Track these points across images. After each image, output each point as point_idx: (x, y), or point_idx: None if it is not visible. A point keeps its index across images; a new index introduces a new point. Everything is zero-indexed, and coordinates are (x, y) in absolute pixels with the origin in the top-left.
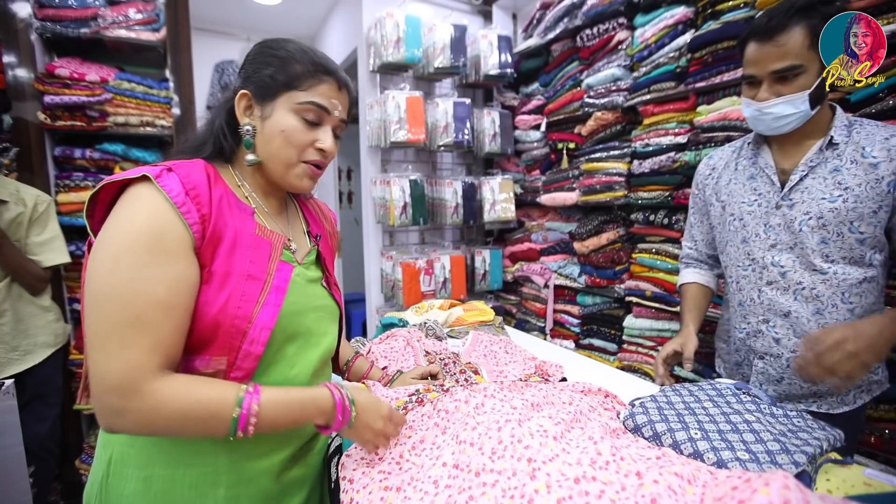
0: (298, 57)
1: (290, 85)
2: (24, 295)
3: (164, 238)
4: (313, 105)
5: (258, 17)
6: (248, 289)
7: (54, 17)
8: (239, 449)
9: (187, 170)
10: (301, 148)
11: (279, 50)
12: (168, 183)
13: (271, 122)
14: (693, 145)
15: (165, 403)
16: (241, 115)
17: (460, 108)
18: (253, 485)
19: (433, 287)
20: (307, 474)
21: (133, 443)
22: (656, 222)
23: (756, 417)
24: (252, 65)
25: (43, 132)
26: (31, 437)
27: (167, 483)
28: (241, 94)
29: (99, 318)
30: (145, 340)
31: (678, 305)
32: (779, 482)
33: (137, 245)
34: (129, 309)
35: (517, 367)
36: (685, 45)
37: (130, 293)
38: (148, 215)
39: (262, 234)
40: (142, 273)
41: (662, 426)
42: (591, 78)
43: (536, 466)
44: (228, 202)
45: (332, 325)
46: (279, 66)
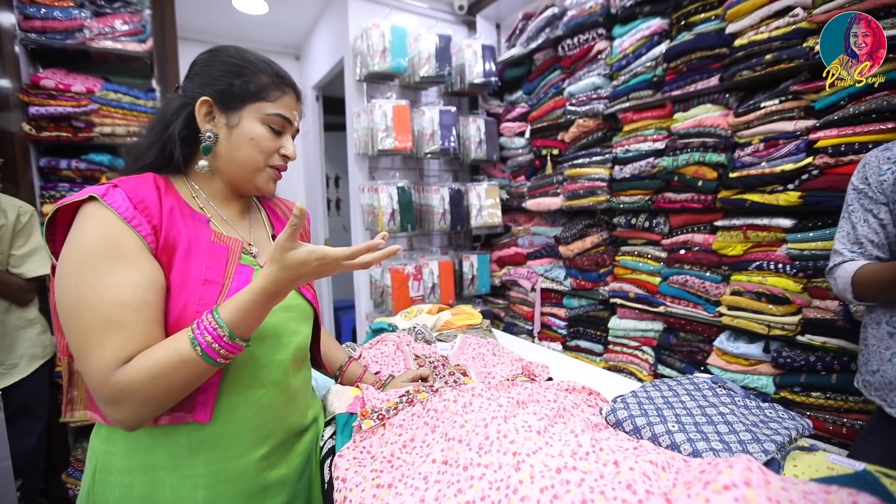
0: (263, 69)
1: (258, 96)
2: (10, 308)
3: (119, 246)
4: (280, 117)
5: (244, 26)
6: (205, 293)
7: (40, 28)
8: (215, 450)
9: (133, 185)
10: (268, 154)
11: (241, 60)
12: (115, 200)
13: (239, 130)
14: (670, 151)
15: (136, 380)
16: (201, 121)
17: (446, 115)
18: (232, 485)
19: (422, 292)
20: (288, 475)
21: (114, 451)
22: (637, 225)
23: (730, 409)
24: (210, 71)
25: (27, 143)
26: (16, 452)
27: (148, 488)
28: (203, 101)
29: (74, 330)
30: (117, 338)
31: (660, 306)
32: (742, 464)
33: (95, 257)
34: (98, 314)
35: (504, 368)
36: (661, 55)
37: (96, 300)
38: (101, 230)
39: (217, 240)
40: (104, 281)
41: (642, 420)
42: (572, 86)
43: (521, 459)
44: (181, 212)
45: (303, 324)
46: (245, 76)
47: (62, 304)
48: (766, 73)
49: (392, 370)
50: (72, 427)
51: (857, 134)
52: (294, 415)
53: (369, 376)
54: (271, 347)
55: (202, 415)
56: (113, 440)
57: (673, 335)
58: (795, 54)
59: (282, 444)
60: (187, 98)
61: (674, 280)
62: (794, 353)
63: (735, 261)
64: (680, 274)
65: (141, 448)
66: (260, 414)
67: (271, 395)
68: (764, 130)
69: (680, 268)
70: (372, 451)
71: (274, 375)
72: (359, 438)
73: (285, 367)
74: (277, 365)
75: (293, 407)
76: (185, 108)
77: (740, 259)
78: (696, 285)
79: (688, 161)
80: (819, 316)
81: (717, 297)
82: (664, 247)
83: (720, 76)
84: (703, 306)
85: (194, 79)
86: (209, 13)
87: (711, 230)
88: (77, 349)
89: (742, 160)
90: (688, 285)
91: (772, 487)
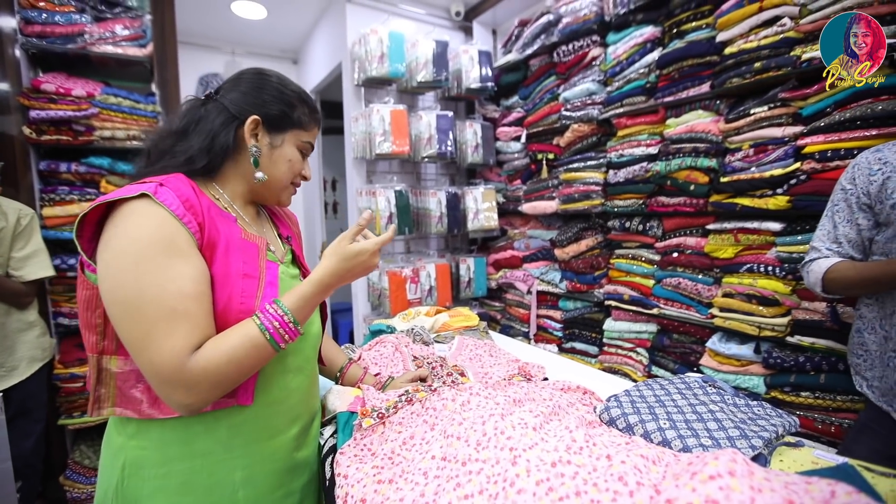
0: (306, 100)
1: (298, 125)
2: (9, 311)
3: (175, 242)
4: (309, 144)
5: (243, 31)
6: (246, 286)
7: (41, 33)
8: (254, 430)
9: (176, 184)
10: (296, 174)
11: (291, 91)
12: (166, 197)
13: (281, 151)
14: (663, 156)
15: (211, 364)
16: (248, 136)
17: (443, 120)
18: (267, 464)
19: (419, 295)
20: (309, 457)
21: (146, 445)
22: (632, 229)
23: (720, 407)
24: (258, 94)
25: (27, 146)
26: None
27: (186, 476)
28: (253, 119)
29: (135, 322)
30: (184, 327)
31: (654, 308)
32: (727, 456)
33: (153, 252)
34: (163, 305)
35: (501, 368)
36: (654, 62)
37: (159, 292)
38: (156, 225)
39: (247, 237)
40: (165, 274)
41: (635, 418)
42: (567, 92)
43: (517, 454)
44: (216, 212)
45: (316, 316)
46: (291, 105)
47: (118, 296)
48: (756, 80)
49: (391, 371)
50: (70, 430)
51: (842, 140)
52: (315, 398)
53: (369, 378)
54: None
55: (244, 398)
56: (144, 434)
57: (666, 337)
58: (783, 62)
59: (307, 425)
60: (238, 113)
61: (667, 282)
62: (783, 353)
63: (726, 263)
64: (673, 276)
65: (179, 439)
66: (291, 396)
67: (299, 380)
68: (753, 136)
69: (673, 270)
70: (373, 449)
71: (300, 361)
72: (359, 436)
73: (308, 355)
74: (301, 352)
75: (315, 391)
76: (234, 122)
77: (732, 262)
78: (688, 287)
79: (680, 166)
80: (808, 317)
81: (710, 299)
82: (658, 250)
83: (711, 83)
84: (695, 308)
85: (244, 97)
86: (208, 18)
87: (703, 233)
88: (138, 340)
89: (732, 165)
90: (681, 287)
91: (755, 478)
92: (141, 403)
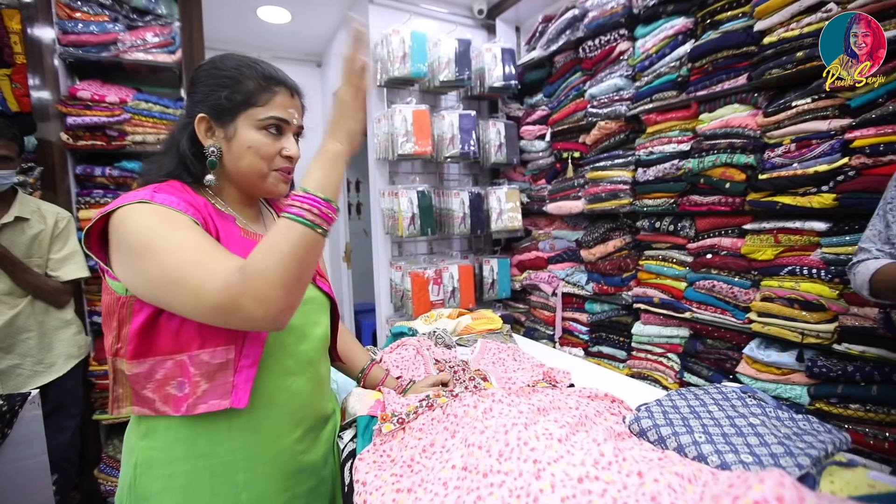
0: (248, 73)
1: (247, 103)
2: (48, 310)
3: (176, 219)
4: (274, 119)
5: (268, 35)
6: None
7: (76, 42)
8: (254, 433)
9: (171, 189)
10: (270, 159)
11: (226, 69)
12: (164, 199)
13: (237, 141)
14: (696, 153)
15: (250, 264)
16: (203, 137)
17: (466, 119)
18: (270, 466)
19: (442, 296)
20: (316, 461)
21: (154, 445)
22: (662, 229)
23: (761, 421)
24: (203, 87)
25: (65, 152)
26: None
27: (190, 476)
28: (200, 118)
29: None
30: (216, 263)
31: (686, 311)
32: (774, 479)
33: (158, 231)
34: (188, 261)
35: (525, 373)
36: (685, 54)
37: (179, 254)
38: (152, 213)
39: (247, 235)
40: (175, 239)
41: (667, 430)
42: (594, 88)
43: (541, 467)
44: (214, 211)
45: (322, 315)
46: (231, 86)
47: (148, 282)
48: (798, 70)
49: (412, 374)
50: (104, 424)
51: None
52: (321, 401)
53: (391, 381)
54: (297, 338)
55: (238, 401)
56: (153, 435)
57: (700, 342)
58: None
59: (312, 428)
60: (188, 116)
61: (700, 285)
62: (830, 362)
63: (765, 265)
64: (707, 279)
65: (182, 439)
66: (292, 399)
67: (301, 382)
68: (795, 130)
69: (707, 272)
70: (392, 455)
71: (302, 364)
72: (379, 442)
73: (311, 357)
74: (304, 354)
75: (320, 394)
76: (187, 127)
77: (771, 264)
78: (724, 291)
79: (714, 163)
80: (857, 324)
81: (747, 303)
82: (690, 251)
83: (748, 75)
84: (731, 312)
85: (192, 96)
86: (235, 23)
87: (740, 234)
88: (188, 298)
89: (772, 161)
90: (715, 291)
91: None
92: (154, 402)
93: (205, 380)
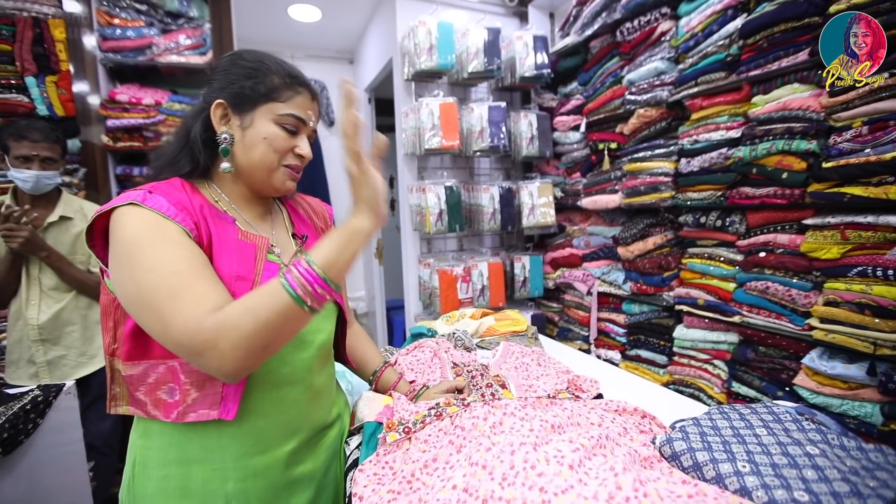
0: (275, 69)
1: (269, 96)
2: (91, 304)
3: (163, 232)
4: (293, 117)
5: (299, 34)
6: (238, 289)
7: (115, 48)
8: (243, 445)
9: (167, 189)
10: (282, 153)
11: (254, 62)
12: (154, 202)
13: (253, 131)
14: (748, 140)
15: (226, 317)
16: (217, 123)
17: (495, 112)
18: (261, 479)
19: (471, 294)
20: (314, 471)
21: (150, 445)
22: (708, 224)
23: (821, 450)
24: (226, 75)
25: (106, 153)
26: (95, 434)
27: (182, 480)
28: (218, 104)
29: (145, 311)
30: (189, 298)
31: (735, 315)
32: None
33: (140, 244)
34: (161, 287)
35: (549, 380)
36: (736, 31)
37: (155, 278)
38: (140, 222)
39: (244, 238)
40: (155, 259)
41: (704, 455)
42: (632, 73)
43: (547, 499)
44: (210, 212)
45: (327, 321)
46: (256, 76)
47: (126, 295)
48: None
49: (427, 379)
50: None
51: None
52: (319, 411)
53: (403, 385)
54: (295, 346)
55: (226, 412)
56: (149, 435)
57: (751, 349)
58: None
59: (308, 440)
60: (205, 102)
61: (752, 286)
62: None
63: (830, 265)
64: (760, 279)
65: (175, 442)
66: (286, 411)
67: (296, 393)
68: (868, 111)
69: (760, 272)
70: (394, 467)
71: (298, 373)
72: (382, 452)
73: (308, 366)
74: (301, 363)
75: (318, 404)
76: (202, 112)
77: (837, 263)
78: (779, 293)
79: (769, 150)
80: None
81: (807, 307)
82: (740, 248)
83: (810, 50)
84: (788, 317)
85: (212, 83)
86: (267, 23)
87: (799, 229)
88: (155, 325)
89: (839, 147)
90: (769, 293)
91: None
92: (146, 405)
93: (195, 388)
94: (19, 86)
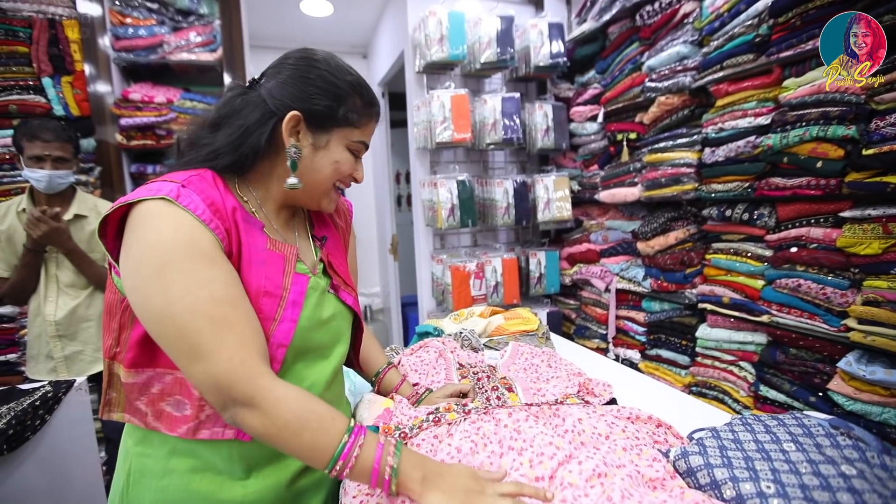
0: (357, 92)
1: (348, 122)
2: None
3: (199, 245)
4: (363, 144)
5: (311, 29)
6: (264, 306)
7: (128, 47)
8: (257, 457)
9: (200, 185)
10: (345, 178)
11: (339, 81)
12: (189, 201)
13: (326, 153)
14: (779, 126)
15: (285, 402)
16: (286, 134)
17: (509, 103)
18: (265, 492)
19: (484, 291)
20: (323, 477)
21: (149, 453)
22: (734, 218)
23: (858, 470)
24: (302, 84)
25: (121, 152)
26: (112, 426)
27: (182, 493)
28: (292, 116)
29: (174, 335)
30: (232, 336)
31: (763, 314)
32: None
33: (176, 258)
34: (199, 314)
35: (559, 383)
36: (766, 9)
37: (192, 301)
38: (176, 228)
39: (273, 247)
40: (192, 280)
41: (723, 473)
42: (652, 59)
43: None
44: (241, 216)
45: (345, 331)
46: (340, 99)
47: (150, 312)
48: None
49: (432, 380)
50: None
51: None
52: None
53: (406, 387)
54: (313, 361)
55: (244, 433)
56: (149, 443)
57: (780, 351)
58: None
59: None
60: (277, 108)
61: (782, 284)
62: None
63: (870, 262)
64: (791, 276)
65: (179, 453)
66: None
67: None
68: None
69: (791, 269)
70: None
71: (315, 390)
72: None
73: (324, 383)
74: (320, 378)
75: None
76: (271, 118)
77: (878, 260)
78: (813, 291)
79: (802, 137)
80: None
81: (844, 306)
82: (769, 243)
83: None
84: (822, 317)
85: (285, 87)
86: (279, 19)
87: (835, 223)
88: (185, 353)
89: (882, 132)
90: (801, 291)
91: None
92: (146, 416)
93: (210, 404)
94: (36, 87)
